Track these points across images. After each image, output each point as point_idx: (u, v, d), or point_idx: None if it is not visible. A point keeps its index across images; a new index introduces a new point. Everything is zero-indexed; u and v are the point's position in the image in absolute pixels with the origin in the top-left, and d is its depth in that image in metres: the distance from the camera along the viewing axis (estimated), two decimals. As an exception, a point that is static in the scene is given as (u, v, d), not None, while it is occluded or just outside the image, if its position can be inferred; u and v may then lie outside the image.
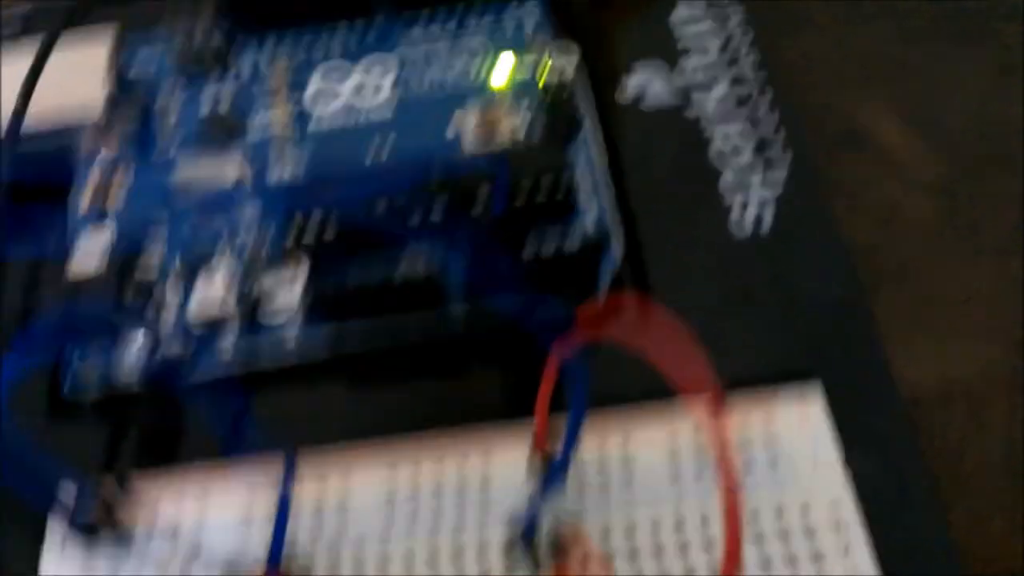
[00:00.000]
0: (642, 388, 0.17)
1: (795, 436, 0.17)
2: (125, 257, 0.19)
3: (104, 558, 0.16)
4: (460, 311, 0.18)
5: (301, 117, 0.21)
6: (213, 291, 0.19)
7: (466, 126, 0.20)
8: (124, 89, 0.21)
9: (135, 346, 0.18)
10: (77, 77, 0.20)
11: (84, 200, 0.20)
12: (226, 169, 0.20)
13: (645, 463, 0.17)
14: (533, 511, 0.15)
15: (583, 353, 0.13)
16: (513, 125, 0.20)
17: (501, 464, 0.17)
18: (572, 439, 0.14)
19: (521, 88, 0.21)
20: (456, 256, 0.18)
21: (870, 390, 0.18)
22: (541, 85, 0.20)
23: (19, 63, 0.20)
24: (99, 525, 0.16)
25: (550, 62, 0.20)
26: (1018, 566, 0.17)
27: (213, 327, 0.18)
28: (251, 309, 0.18)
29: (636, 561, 0.16)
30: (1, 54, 0.20)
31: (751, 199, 0.20)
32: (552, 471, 0.15)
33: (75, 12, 0.20)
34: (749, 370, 0.18)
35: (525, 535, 0.15)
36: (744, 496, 0.15)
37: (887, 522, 0.16)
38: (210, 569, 0.14)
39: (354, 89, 0.21)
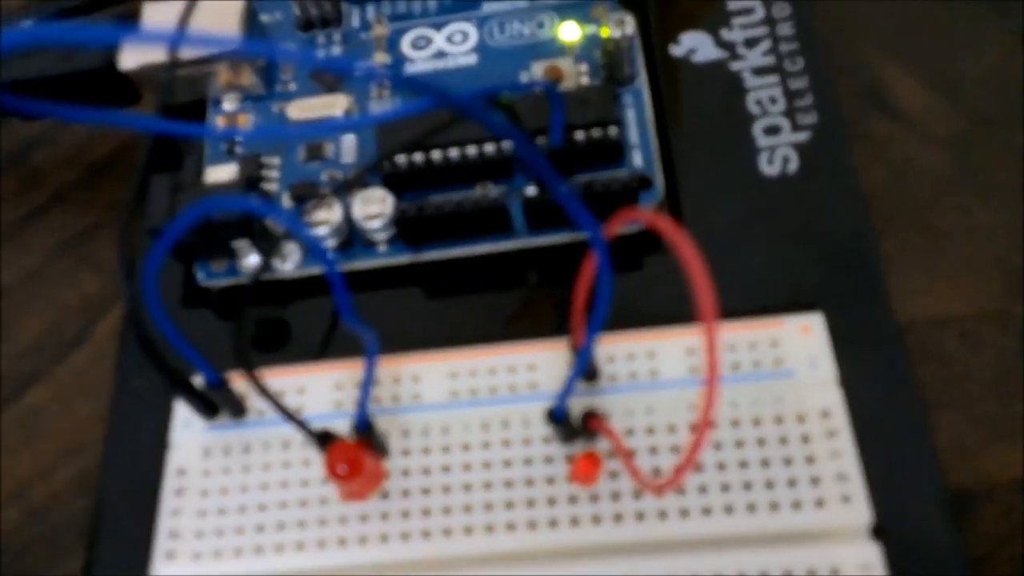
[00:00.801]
0: (669, 312, 0.18)
1: (797, 358, 0.18)
2: (252, 170, 0.20)
3: (222, 430, 0.18)
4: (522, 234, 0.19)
5: (399, 61, 0.22)
6: (322, 201, 0.20)
7: (537, 73, 0.21)
8: (255, 31, 0.21)
9: (256, 245, 0.20)
10: (217, 21, 0.21)
11: (220, 122, 0.21)
12: (335, 104, 0.21)
13: (667, 362, 0.18)
14: (564, 391, 0.16)
15: (611, 250, 0.14)
16: (577, 74, 0.21)
17: (550, 353, 0.18)
18: (596, 325, 0.15)
19: (586, 43, 0.21)
20: (518, 184, 0.19)
21: (870, 318, 0.18)
22: (603, 41, 0.21)
23: (167, 10, 0.21)
24: (219, 404, 0.17)
25: (611, 22, 0.20)
26: (994, 477, 0.18)
27: (319, 232, 0.19)
28: (350, 220, 0.20)
29: (653, 436, 0.17)
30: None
31: (780, 143, 0.20)
32: (579, 355, 0.16)
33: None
34: (763, 296, 0.19)
35: (556, 412, 0.16)
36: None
37: (875, 433, 0.17)
38: (308, 437, 0.16)
39: (446, 38, 0.22)
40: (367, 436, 0.16)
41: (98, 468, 0.19)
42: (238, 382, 0.18)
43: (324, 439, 0.16)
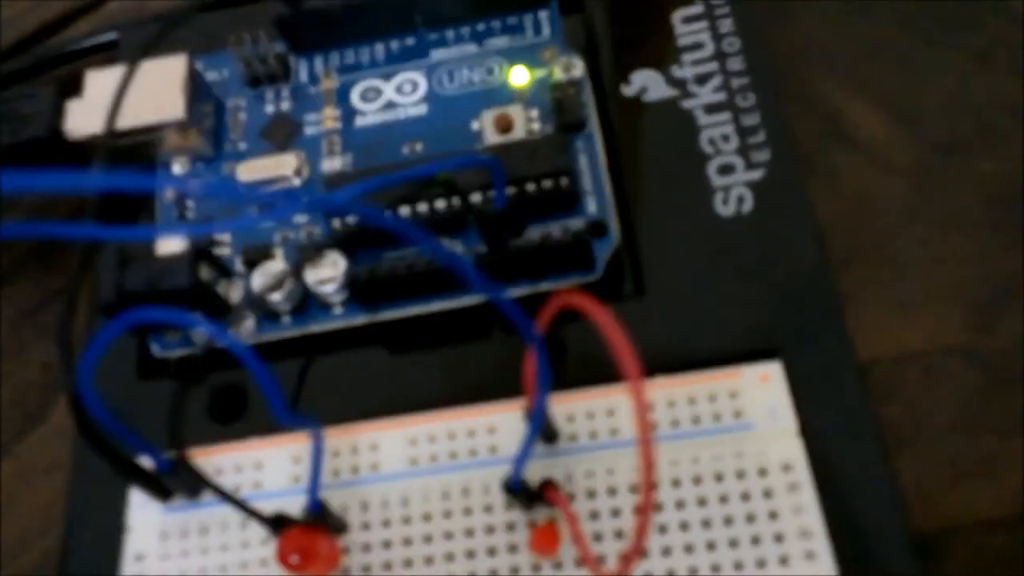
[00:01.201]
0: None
1: (757, 409, 0.17)
2: (203, 239, 0.20)
3: (179, 511, 0.17)
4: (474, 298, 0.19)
5: (349, 114, 0.21)
6: (273, 267, 0.19)
7: (487, 122, 0.20)
8: (201, 94, 0.21)
9: (209, 314, 0.19)
10: (160, 85, 0.20)
11: (169, 190, 0.21)
12: (285, 164, 0.21)
13: (627, 419, 0.17)
14: (517, 462, 0.15)
15: (544, 337, 0.14)
16: (528, 120, 0.20)
17: (508, 414, 0.18)
18: (540, 402, 0.14)
19: (536, 88, 0.21)
20: (468, 246, 0.19)
21: (830, 363, 0.18)
22: (552, 85, 0.20)
23: (110, 78, 0.20)
24: (173, 486, 0.17)
25: (560, 65, 0.20)
26: (961, 517, 0.17)
27: (273, 298, 0.19)
28: (303, 284, 0.19)
29: (615, 497, 0.17)
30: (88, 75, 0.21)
31: (735, 183, 0.20)
32: (530, 425, 0.15)
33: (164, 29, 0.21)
34: (722, 344, 0.18)
35: (511, 484, 0.16)
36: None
37: (838, 482, 0.17)
38: (262, 523, 0.15)
39: (395, 88, 0.21)
40: (321, 519, 0.16)
41: (61, 552, 0.18)
42: (193, 460, 0.17)
43: (277, 524, 0.15)
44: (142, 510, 0.18)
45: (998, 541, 0.17)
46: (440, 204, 0.19)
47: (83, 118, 0.21)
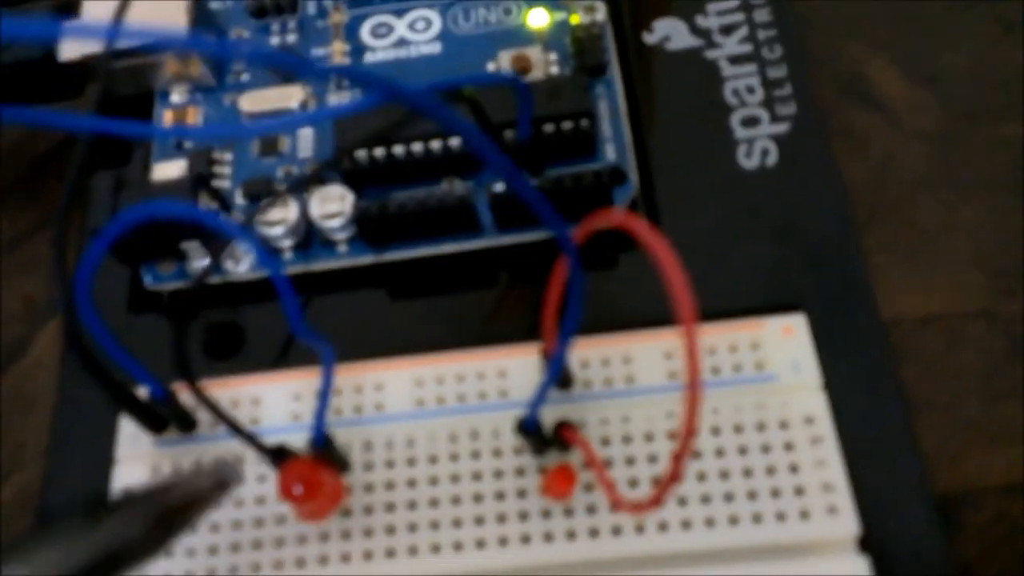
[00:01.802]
0: (645, 313, 0.17)
1: (780, 361, 0.17)
2: (201, 167, 0.19)
3: (171, 445, 0.17)
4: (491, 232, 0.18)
5: (358, 51, 0.21)
6: (277, 200, 0.19)
7: (504, 63, 0.20)
8: (204, 19, 0.20)
9: (207, 246, 0.19)
10: (163, 7, 0.20)
11: (167, 117, 0.20)
12: (290, 95, 0.20)
13: (643, 366, 0.17)
14: (535, 400, 0.15)
15: (580, 256, 0.13)
16: (546, 63, 0.20)
17: (520, 358, 0.17)
18: (568, 332, 0.14)
19: (555, 30, 0.20)
20: (485, 180, 0.18)
21: (853, 318, 0.18)
22: (572, 28, 0.20)
23: None
24: (167, 418, 0.16)
25: (581, 8, 0.20)
26: (981, 482, 0.17)
27: (275, 231, 0.19)
28: (307, 219, 0.19)
29: (630, 445, 0.16)
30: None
31: (759, 135, 0.19)
32: (552, 363, 0.15)
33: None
34: (743, 296, 0.18)
35: (527, 423, 0.15)
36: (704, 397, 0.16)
37: (860, 439, 0.17)
38: (263, 454, 0.15)
39: (408, 25, 0.21)
40: (325, 452, 0.15)
41: (40, 485, 0.18)
42: (187, 393, 0.17)
43: (278, 455, 0.15)
44: (132, 443, 0.17)
45: (1018, 507, 0.17)
46: (454, 141, 0.18)
47: (79, 39, 0.20)
